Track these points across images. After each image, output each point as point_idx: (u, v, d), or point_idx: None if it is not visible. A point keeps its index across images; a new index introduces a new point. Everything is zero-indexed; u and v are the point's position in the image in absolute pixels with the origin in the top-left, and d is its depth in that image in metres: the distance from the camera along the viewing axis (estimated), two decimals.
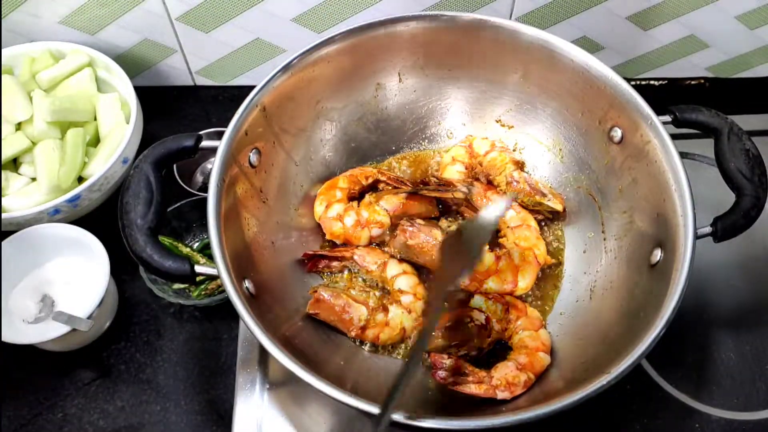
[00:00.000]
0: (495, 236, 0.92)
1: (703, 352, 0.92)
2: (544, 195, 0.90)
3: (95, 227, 0.91)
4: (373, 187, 0.96)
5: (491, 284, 0.85)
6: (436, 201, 0.93)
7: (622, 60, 1.18)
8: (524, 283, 0.86)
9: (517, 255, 0.87)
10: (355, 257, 0.88)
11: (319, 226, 0.92)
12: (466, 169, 0.95)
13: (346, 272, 0.90)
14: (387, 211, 0.90)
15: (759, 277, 0.99)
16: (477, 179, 0.95)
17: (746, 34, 1.14)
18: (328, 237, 0.91)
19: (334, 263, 0.89)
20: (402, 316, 0.83)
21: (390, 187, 0.94)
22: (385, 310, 0.83)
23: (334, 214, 0.90)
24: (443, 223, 0.90)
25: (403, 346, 0.85)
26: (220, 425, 0.86)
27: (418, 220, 0.88)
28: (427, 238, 0.86)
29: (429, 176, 0.96)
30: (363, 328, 0.82)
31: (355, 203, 0.92)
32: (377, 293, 0.87)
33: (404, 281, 0.86)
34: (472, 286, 0.86)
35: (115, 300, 0.94)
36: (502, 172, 0.93)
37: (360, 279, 0.89)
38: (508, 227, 0.90)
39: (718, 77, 1.23)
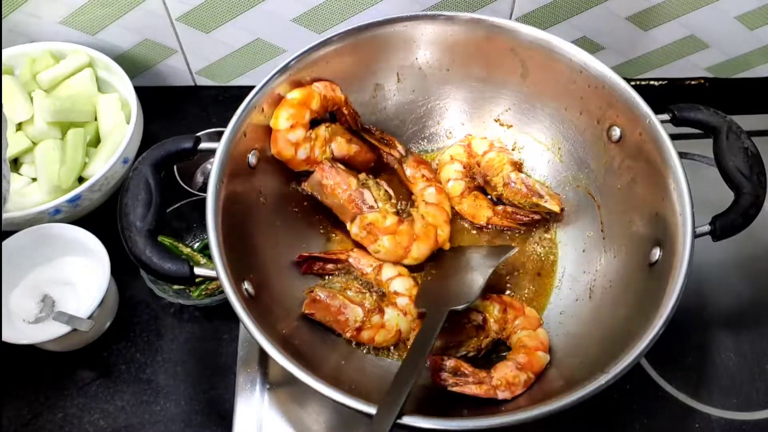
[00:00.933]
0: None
1: (703, 352, 0.92)
2: (541, 196, 0.90)
3: (96, 227, 0.91)
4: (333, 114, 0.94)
5: (385, 242, 0.86)
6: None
7: (622, 60, 1.18)
8: (417, 253, 0.87)
9: (420, 226, 0.88)
10: (350, 260, 0.88)
11: (319, 226, 0.93)
12: (464, 168, 0.95)
13: (342, 275, 0.90)
14: (333, 154, 0.91)
15: (759, 277, 0.99)
16: (474, 178, 0.95)
17: (746, 34, 1.14)
18: (273, 152, 0.87)
19: (329, 265, 0.89)
20: (398, 318, 0.83)
21: (345, 120, 0.93)
22: (381, 312, 0.83)
23: (294, 138, 0.86)
24: (361, 175, 0.91)
25: (401, 347, 0.85)
26: (220, 425, 0.86)
27: (339, 164, 0.89)
28: (341, 183, 0.87)
29: (373, 126, 0.96)
30: (358, 330, 0.82)
31: (312, 133, 0.89)
32: (373, 295, 0.86)
33: (399, 283, 0.86)
34: (367, 239, 0.87)
35: (115, 300, 0.94)
36: (499, 173, 0.93)
37: (356, 280, 0.89)
38: (423, 200, 0.92)
39: (718, 77, 1.23)
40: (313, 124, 0.89)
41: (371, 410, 0.63)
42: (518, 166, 0.95)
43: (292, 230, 0.90)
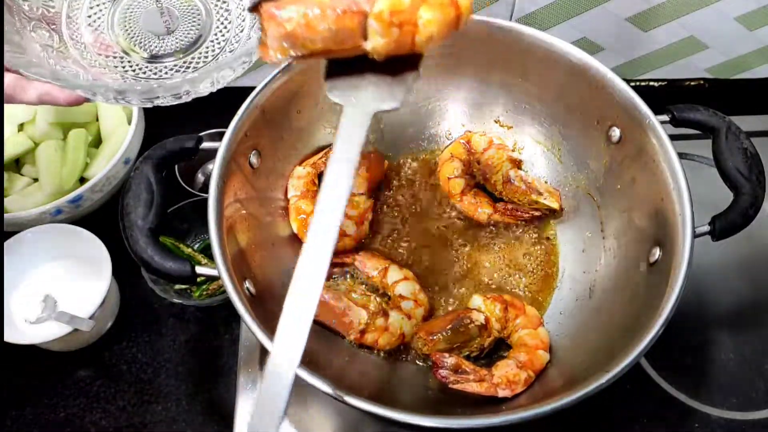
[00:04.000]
0: None
1: (703, 352, 0.92)
2: (540, 193, 0.90)
3: (97, 227, 0.92)
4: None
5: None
6: None
7: (622, 61, 1.18)
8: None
9: None
10: (356, 263, 0.88)
11: None
12: (464, 165, 0.95)
13: (348, 278, 0.90)
14: (362, 194, 0.91)
15: (758, 277, 0.99)
16: (473, 175, 0.95)
17: (745, 35, 1.14)
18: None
19: (335, 269, 0.89)
20: (402, 321, 0.83)
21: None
22: (385, 315, 0.83)
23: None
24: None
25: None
26: (221, 425, 0.87)
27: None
28: (309, 10, 0.54)
29: None
30: (362, 332, 0.82)
31: None
32: (378, 298, 0.87)
33: (405, 287, 0.86)
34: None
35: (116, 300, 0.95)
36: (498, 171, 0.93)
37: (362, 284, 0.89)
38: None
39: (718, 78, 1.23)
40: None
41: (374, 409, 0.63)
42: (517, 164, 0.95)
43: (294, 229, 0.90)
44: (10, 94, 0.63)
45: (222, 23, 0.65)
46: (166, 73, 0.65)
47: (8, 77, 0.62)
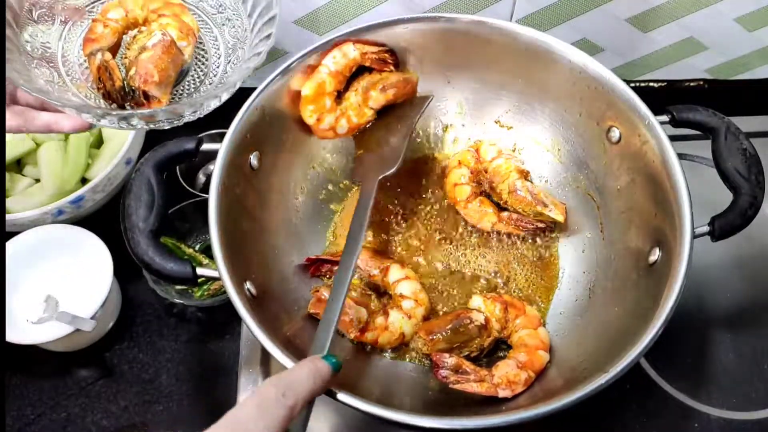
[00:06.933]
0: None
1: (702, 352, 0.92)
2: (545, 206, 0.89)
3: (99, 228, 0.92)
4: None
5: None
6: None
7: (621, 62, 1.18)
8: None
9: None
10: (358, 262, 0.88)
11: (320, 226, 0.94)
12: (471, 173, 0.95)
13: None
14: (374, 109, 0.91)
15: (758, 277, 0.99)
16: (480, 183, 0.95)
17: (745, 36, 1.14)
18: (318, 137, 0.92)
19: (335, 267, 0.89)
20: (402, 320, 0.83)
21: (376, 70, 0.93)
22: (386, 314, 0.83)
23: (326, 126, 0.90)
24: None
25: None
26: None
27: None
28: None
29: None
30: (362, 330, 0.82)
31: (342, 106, 0.91)
32: (379, 297, 0.87)
33: (406, 286, 0.86)
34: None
35: (118, 300, 0.95)
36: (505, 180, 0.92)
37: (362, 282, 0.89)
38: None
39: (717, 79, 1.23)
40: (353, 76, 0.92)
41: (374, 409, 0.64)
42: (525, 174, 0.94)
43: (294, 231, 0.90)
44: (21, 125, 0.69)
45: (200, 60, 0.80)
46: None
47: (17, 108, 0.70)
